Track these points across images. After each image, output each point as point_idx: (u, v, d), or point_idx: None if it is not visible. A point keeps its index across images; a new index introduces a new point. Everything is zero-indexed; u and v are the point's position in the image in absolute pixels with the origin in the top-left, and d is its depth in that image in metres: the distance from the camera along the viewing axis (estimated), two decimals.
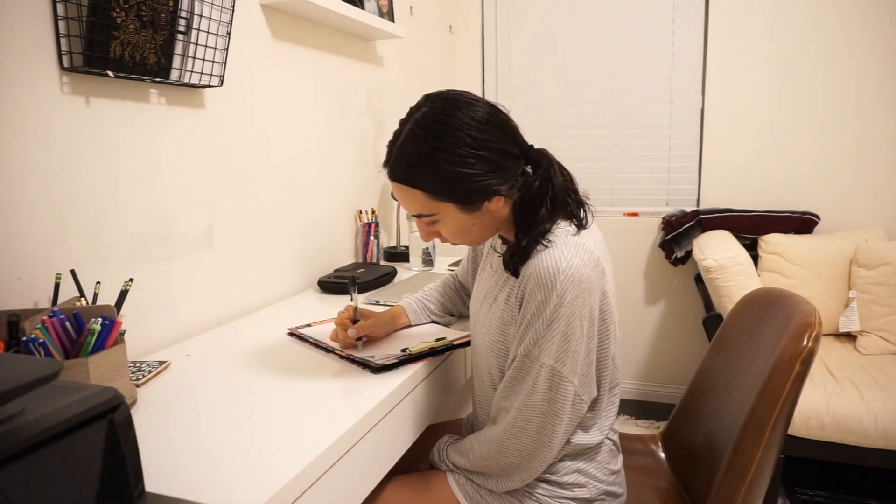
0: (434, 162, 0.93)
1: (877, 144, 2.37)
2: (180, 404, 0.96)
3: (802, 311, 0.96)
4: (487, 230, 1.04)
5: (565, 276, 0.91)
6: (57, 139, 1.05)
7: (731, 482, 0.94)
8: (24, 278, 1.00)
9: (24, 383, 0.48)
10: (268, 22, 1.57)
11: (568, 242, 0.95)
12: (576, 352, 0.94)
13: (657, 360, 2.77)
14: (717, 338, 1.24)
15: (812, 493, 1.97)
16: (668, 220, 2.55)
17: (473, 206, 0.97)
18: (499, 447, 0.99)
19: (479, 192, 0.95)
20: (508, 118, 1.00)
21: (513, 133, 0.99)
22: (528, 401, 0.96)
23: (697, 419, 1.21)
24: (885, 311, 2.06)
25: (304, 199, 1.75)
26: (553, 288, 0.91)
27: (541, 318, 0.92)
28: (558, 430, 0.97)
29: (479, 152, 0.93)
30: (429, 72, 2.59)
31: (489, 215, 1.00)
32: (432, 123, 0.94)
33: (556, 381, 0.94)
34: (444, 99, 0.97)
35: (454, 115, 0.94)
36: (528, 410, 0.96)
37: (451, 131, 0.93)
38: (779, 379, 0.91)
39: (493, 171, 0.95)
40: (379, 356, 1.09)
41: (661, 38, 2.60)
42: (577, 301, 0.92)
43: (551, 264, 0.92)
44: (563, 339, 0.92)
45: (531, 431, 0.96)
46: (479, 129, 0.94)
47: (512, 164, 0.98)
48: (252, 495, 0.70)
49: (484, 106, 0.97)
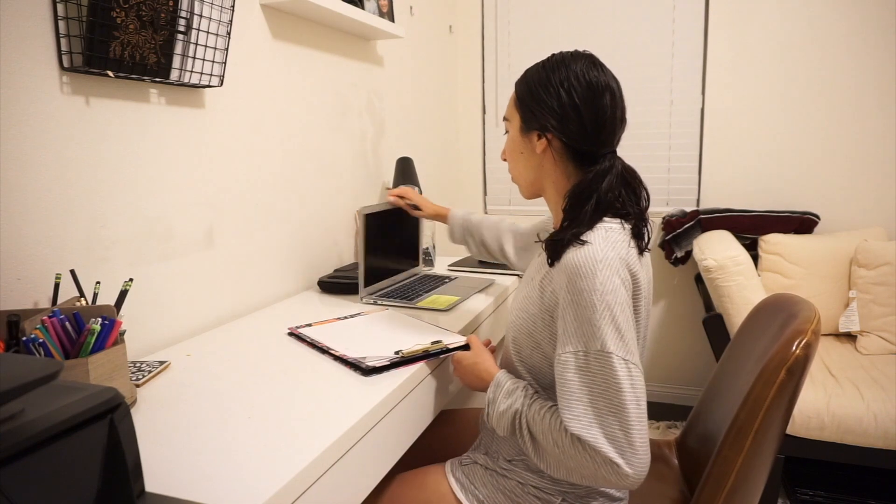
0: (532, 78, 1.06)
1: (877, 144, 2.37)
2: (180, 404, 0.96)
3: (800, 318, 0.95)
4: (529, 171, 1.09)
5: (604, 265, 0.90)
6: (57, 139, 1.05)
7: (710, 489, 0.93)
8: (24, 278, 1.00)
9: (24, 383, 0.48)
10: (268, 22, 1.58)
11: (607, 239, 0.94)
12: (628, 333, 0.90)
13: (657, 360, 2.77)
14: (731, 342, 1.24)
15: (812, 493, 1.97)
16: (668, 220, 2.55)
17: (528, 131, 1.06)
18: (595, 453, 0.89)
19: (536, 118, 1.03)
20: (615, 111, 1.01)
21: (601, 121, 1.01)
22: (604, 393, 0.88)
23: (706, 425, 1.20)
24: (885, 311, 2.06)
25: (304, 198, 1.75)
26: (595, 276, 0.90)
27: (588, 308, 0.90)
28: (643, 409, 0.90)
29: (562, 97, 1.00)
30: (429, 72, 2.59)
31: (534, 157, 1.06)
32: (559, 59, 1.04)
33: (631, 370, 0.88)
34: (584, 55, 1.05)
35: (576, 62, 1.02)
36: (602, 402, 0.88)
37: (564, 69, 1.02)
38: (763, 386, 0.89)
39: (558, 117, 1.01)
40: (371, 358, 1.09)
41: (661, 39, 2.60)
42: (619, 288, 0.90)
43: (590, 255, 0.91)
44: (615, 324, 0.89)
45: (612, 418, 0.88)
46: (581, 84, 1.00)
47: (575, 128, 1.00)
48: (252, 495, 0.70)
49: (601, 80, 1.01)
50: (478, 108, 2.96)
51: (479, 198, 3.02)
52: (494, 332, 1.62)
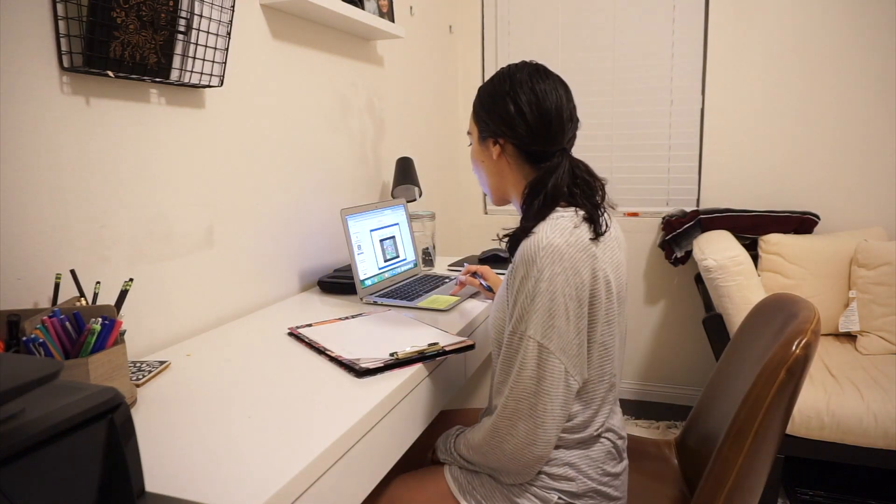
0: (483, 92, 1.15)
1: (877, 144, 2.37)
2: (180, 404, 0.96)
3: (799, 318, 0.95)
4: (491, 177, 1.16)
5: (545, 252, 0.96)
6: (57, 139, 1.05)
7: (710, 489, 0.93)
8: (24, 278, 1.00)
9: (24, 383, 0.48)
10: (268, 22, 1.58)
11: (555, 226, 0.99)
12: (562, 329, 0.96)
13: (657, 359, 2.77)
14: (731, 342, 1.23)
15: (812, 493, 1.97)
16: (668, 220, 2.55)
17: (484, 140, 1.14)
18: (493, 432, 1.00)
19: (489, 127, 1.11)
20: (560, 112, 1.07)
21: (546, 121, 1.07)
22: (518, 379, 0.97)
23: (706, 425, 1.20)
24: (885, 311, 2.06)
25: (304, 198, 1.75)
26: (533, 262, 0.96)
27: (524, 293, 0.97)
28: (550, 410, 0.97)
29: (508, 104, 1.07)
30: (429, 72, 2.59)
31: (493, 163, 1.13)
32: (505, 71, 1.12)
33: (545, 358, 0.95)
34: (528, 65, 1.13)
35: (520, 72, 1.10)
36: (518, 389, 0.97)
37: (509, 79, 1.10)
38: (763, 386, 0.89)
39: (507, 123, 1.08)
40: (365, 360, 1.09)
41: (661, 39, 2.60)
42: (557, 278, 0.95)
43: (534, 243, 0.98)
44: (548, 314, 0.95)
45: (523, 413, 0.97)
46: (524, 91, 1.07)
47: (523, 131, 1.07)
48: (252, 495, 0.70)
49: (543, 85, 1.07)
50: None
51: (479, 198, 3.02)
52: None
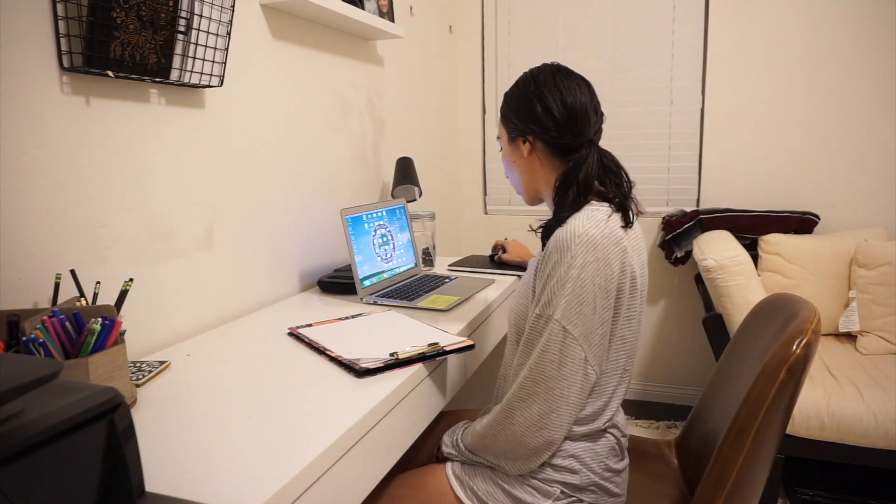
0: (509, 96, 1.18)
1: (877, 144, 2.37)
2: (180, 404, 0.96)
3: (800, 318, 0.95)
4: (523, 175, 1.18)
5: (580, 240, 0.98)
6: (57, 139, 1.05)
7: (710, 489, 0.93)
8: (24, 278, 1.00)
9: (24, 383, 0.48)
10: (268, 22, 1.58)
11: (590, 217, 1.01)
12: (588, 317, 0.97)
13: (657, 359, 2.77)
14: (731, 342, 1.24)
15: (812, 493, 1.97)
16: (668, 220, 2.54)
17: (514, 140, 1.17)
18: (505, 412, 1.01)
19: (517, 127, 1.14)
20: (585, 105, 1.10)
21: (572, 115, 1.10)
22: (539, 361, 0.98)
23: (705, 425, 1.20)
24: (885, 311, 2.06)
25: (304, 198, 1.75)
26: (568, 249, 0.98)
27: (555, 277, 0.98)
28: (566, 396, 0.97)
29: (535, 103, 1.11)
30: (429, 72, 2.59)
31: (524, 161, 1.16)
32: (528, 75, 1.16)
33: (568, 343, 0.97)
34: (549, 66, 1.16)
35: (542, 73, 1.13)
36: (537, 371, 0.98)
37: (533, 81, 1.13)
38: (763, 385, 0.89)
39: (534, 121, 1.11)
40: (365, 360, 1.09)
41: (661, 39, 2.60)
42: (589, 266, 0.97)
43: (569, 231, 1.00)
44: (577, 301, 0.96)
45: (539, 394, 0.98)
46: (548, 89, 1.11)
47: (550, 126, 1.10)
48: (252, 495, 0.70)
49: (566, 82, 1.11)
50: (478, 108, 2.96)
51: (479, 198, 3.02)
52: (495, 332, 1.62)
